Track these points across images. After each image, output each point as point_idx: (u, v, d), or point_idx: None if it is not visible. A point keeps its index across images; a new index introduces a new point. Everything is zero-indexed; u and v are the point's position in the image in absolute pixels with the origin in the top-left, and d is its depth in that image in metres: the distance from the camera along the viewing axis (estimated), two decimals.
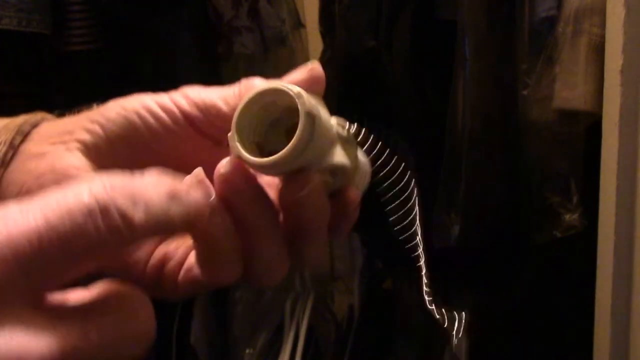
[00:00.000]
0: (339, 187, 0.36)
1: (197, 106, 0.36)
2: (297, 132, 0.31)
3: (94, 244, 0.26)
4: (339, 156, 0.34)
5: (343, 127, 0.35)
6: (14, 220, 0.25)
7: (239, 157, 0.32)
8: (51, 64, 1.21)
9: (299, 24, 1.38)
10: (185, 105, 0.36)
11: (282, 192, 0.33)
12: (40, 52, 1.19)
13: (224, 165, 0.33)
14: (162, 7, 1.25)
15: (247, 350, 1.42)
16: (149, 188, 0.28)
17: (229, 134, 0.33)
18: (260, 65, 1.34)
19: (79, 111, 0.39)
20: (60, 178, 0.35)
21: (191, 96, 0.37)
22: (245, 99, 0.33)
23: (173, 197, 0.29)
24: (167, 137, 0.36)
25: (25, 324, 0.25)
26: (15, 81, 1.18)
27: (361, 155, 0.37)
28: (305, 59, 1.39)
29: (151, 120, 0.36)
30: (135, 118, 0.36)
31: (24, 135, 0.37)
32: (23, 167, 0.36)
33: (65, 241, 0.26)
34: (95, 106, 0.38)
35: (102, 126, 0.36)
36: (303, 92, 0.32)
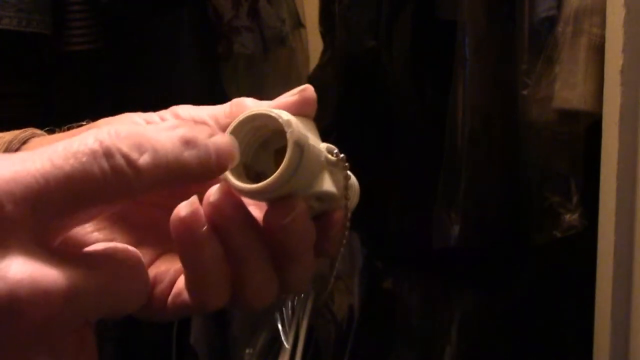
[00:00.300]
0: (326, 210, 0.36)
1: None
2: (284, 161, 0.32)
3: (99, 185, 0.27)
4: (326, 183, 0.35)
5: (332, 152, 0.35)
6: (21, 161, 0.26)
7: (225, 181, 0.33)
8: (51, 64, 1.21)
9: (299, 24, 1.38)
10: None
11: (267, 218, 0.34)
12: (40, 52, 1.19)
13: (213, 193, 0.33)
14: (162, 7, 1.25)
15: (247, 350, 1.42)
16: (160, 134, 0.29)
17: None
18: (260, 65, 1.34)
19: (68, 128, 0.39)
20: None
21: (181, 115, 0.36)
22: (234, 122, 0.33)
23: (187, 142, 0.29)
24: None
25: (36, 258, 0.26)
26: (15, 81, 1.18)
27: (350, 177, 0.37)
28: (305, 59, 1.39)
29: None
30: None
31: (12, 152, 0.36)
32: None
33: (71, 180, 0.26)
34: (86, 122, 0.38)
35: None
36: (292, 120, 0.32)
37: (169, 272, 0.36)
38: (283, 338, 1.38)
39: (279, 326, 1.41)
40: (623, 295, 0.90)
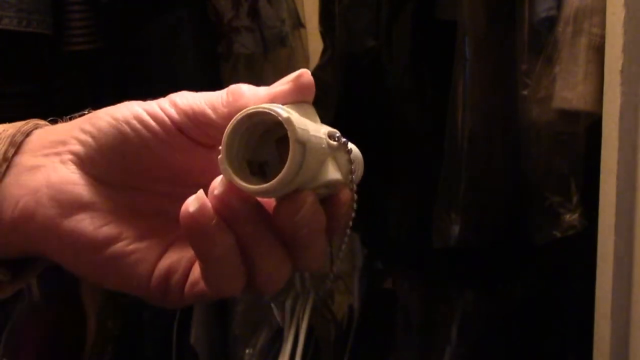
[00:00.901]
0: (333, 193, 0.36)
1: (186, 114, 0.36)
2: (288, 161, 0.32)
3: None
4: (332, 171, 0.35)
5: (334, 137, 0.35)
6: None
7: (230, 182, 0.33)
8: (51, 64, 1.21)
9: (299, 24, 1.38)
10: (175, 114, 0.36)
11: (277, 214, 0.34)
12: (40, 52, 1.19)
13: (217, 186, 0.33)
14: (162, 7, 1.25)
15: (247, 350, 1.42)
16: None
17: (219, 157, 0.33)
18: (260, 65, 1.34)
19: (70, 118, 0.39)
20: (55, 194, 0.35)
21: (179, 104, 0.36)
22: (233, 120, 0.33)
23: None
24: (159, 146, 0.36)
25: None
26: (15, 81, 1.18)
27: (354, 151, 0.37)
28: (305, 59, 1.39)
29: (142, 130, 0.36)
30: (126, 129, 0.36)
31: (17, 146, 0.37)
32: (17, 181, 0.36)
33: None
34: (87, 111, 0.38)
35: (93, 137, 0.36)
36: (292, 117, 0.32)
37: (181, 262, 0.36)
38: (283, 338, 1.38)
39: (279, 326, 1.41)
40: (623, 295, 0.90)
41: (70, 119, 0.39)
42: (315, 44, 1.34)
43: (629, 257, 0.89)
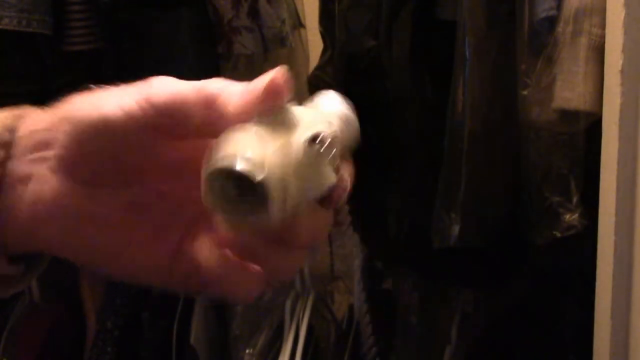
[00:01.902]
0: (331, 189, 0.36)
1: (162, 115, 0.35)
2: (269, 209, 0.31)
3: None
4: (321, 185, 0.33)
5: (316, 140, 0.33)
6: None
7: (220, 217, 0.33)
8: (51, 64, 1.21)
9: (299, 24, 1.38)
10: (153, 114, 0.35)
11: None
12: (40, 52, 1.19)
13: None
14: (161, 7, 1.25)
15: (247, 350, 1.42)
16: None
17: (202, 195, 0.32)
18: (260, 65, 1.34)
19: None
20: (52, 209, 0.35)
21: (154, 103, 0.36)
22: (205, 174, 0.32)
23: None
24: (143, 142, 0.36)
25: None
26: (15, 81, 1.18)
27: (348, 114, 0.37)
28: (305, 59, 1.39)
29: (123, 129, 0.35)
30: (106, 129, 0.35)
31: (7, 146, 0.36)
32: (13, 194, 0.35)
33: None
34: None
35: (75, 141, 0.35)
36: (266, 166, 0.31)
37: (198, 248, 0.36)
38: (283, 338, 1.38)
39: (279, 326, 1.41)
40: (623, 295, 0.90)
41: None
42: (315, 44, 1.34)
43: (629, 257, 0.89)
